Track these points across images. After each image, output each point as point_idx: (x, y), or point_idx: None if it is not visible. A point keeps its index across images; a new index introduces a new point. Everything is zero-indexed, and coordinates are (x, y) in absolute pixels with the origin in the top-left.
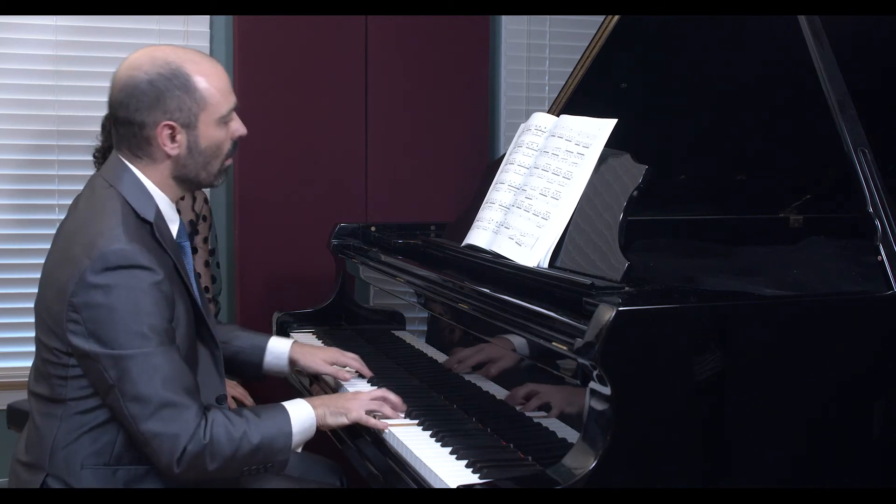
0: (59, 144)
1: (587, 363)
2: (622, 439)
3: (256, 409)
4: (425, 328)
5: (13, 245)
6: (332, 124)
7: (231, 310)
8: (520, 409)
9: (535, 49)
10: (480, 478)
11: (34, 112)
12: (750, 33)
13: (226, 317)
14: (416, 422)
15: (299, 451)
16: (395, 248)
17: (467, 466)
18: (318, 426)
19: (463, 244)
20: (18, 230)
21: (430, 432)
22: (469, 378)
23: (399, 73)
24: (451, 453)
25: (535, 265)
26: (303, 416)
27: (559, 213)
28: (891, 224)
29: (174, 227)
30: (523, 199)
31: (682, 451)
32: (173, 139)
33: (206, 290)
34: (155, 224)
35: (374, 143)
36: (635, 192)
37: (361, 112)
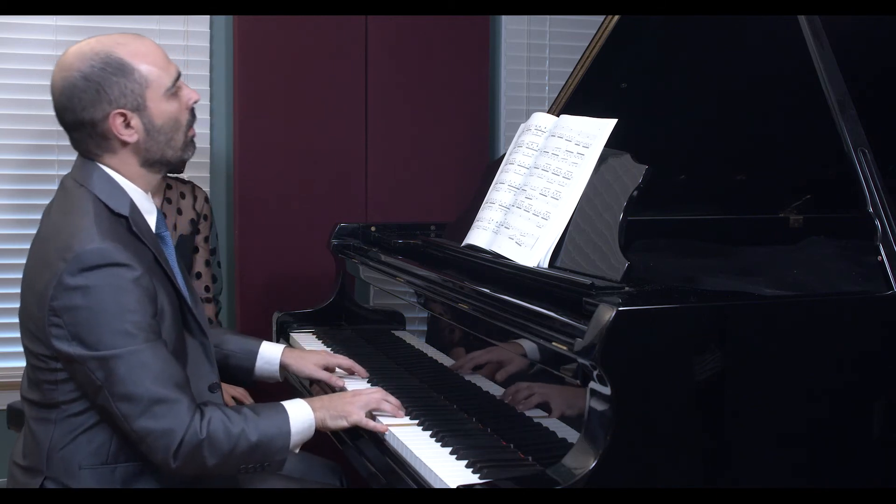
0: (59, 144)
1: (587, 363)
2: (622, 439)
3: (255, 407)
4: (425, 328)
5: (13, 245)
6: (332, 124)
7: (231, 310)
8: (520, 409)
9: (535, 49)
10: (480, 478)
11: (34, 112)
12: (750, 33)
13: (226, 317)
14: (416, 422)
15: (297, 452)
16: (395, 248)
17: (467, 466)
18: (318, 429)
19: (463, 244)
20: (18, 230)
21: (430, 432)
22: (469, 378)
23: (399, 73)
24: (451, 453)
25: (535, 265)
26: (302, 416)
27: (559, 213)
28: (891, 224)
29: (151, 219)
30: (523, 199)
31: (682, 451)
32: (128, 126)
33: (207, 289)
34: (130, 218)
35: (374, 143)
36: (635, 192)
37: (361, 112)
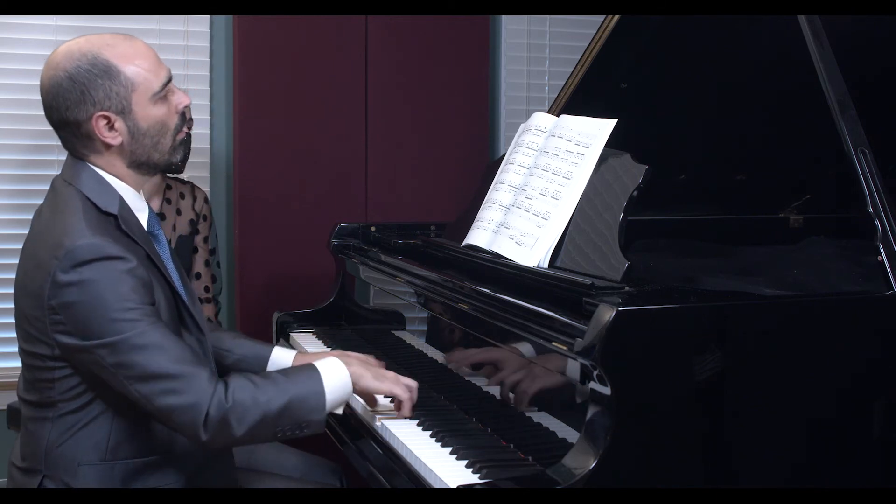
0: (58, 145)
1: (587, 363)
2: (622, 439)
3: (285, 370)
4: (425, 328)
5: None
6: (332, 124)
7: (231, 310)
8: (520, 409)
9: (535, 49)
10: (480, 478)
11: (34, 112)
12: (750, 33)
13: (226, 317)
14: (416, 422)
15: (340, 412)
16: (395, 248)
17: (467, 466)
18: (357, 387)
19: (463, 244)
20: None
21: (430, 432)
22: (469, 378)
23: (399, 73)
24: (451, 453)
25: (535, 265)
26: (336, 373)
27: (559, 213)
28: (891, 224)
29: (143, 217)
30: (523, 199)
31: (682, 451)
32: (111, 128)
33: (207, 289)
34: (119, 215)
35: (374, 143)
36: (635, 192)
37: (361, 112)
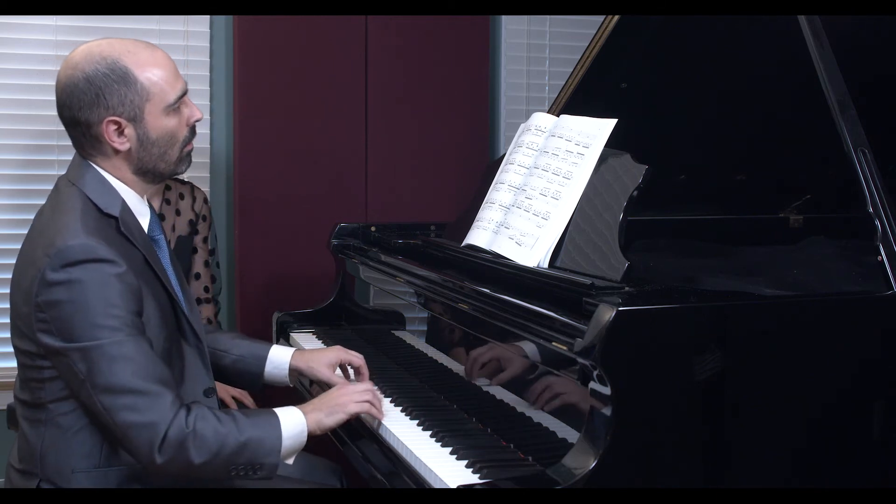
0: (59, 144)
1: (587, 363)
2: (622, 439)
3: (245, 411)
4: (425, 328)
5: (12, 245)
6: (332, 124)
7: (231, 310)
8: (520, 409)
9: (535, 49)
10: (480, 478)
11: (34, 112)
12: (750, 33)
13: (226, 317)
14: (416, 422)
15: (290, 463)
16: (395, 248)
17: (467, 466)
18: (315, 430)
19: (463, 244)
20: (17, 230)
21: (430, 432)
22: (469, 378)
23: (399, 73)
24: (452, 453)
25: (535, 265)
26: (293, 420)
27: (559, 213)
28: (891, 224)
29: (144, 221)
30: (523, 199)
31: (682, 451)
32: (121, 134)
33: (206, 290)
34: (120, 218)
35: (374, 143)
36: (635, 192)
37: (361, 112)
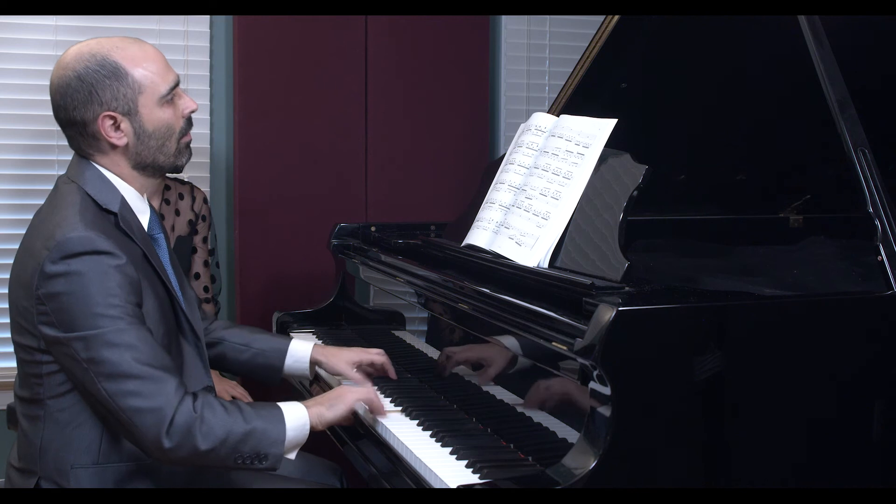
0: (58, 144)
1: (587, 363)
2: (622, 439)
3: (249, 403)
4: (425, 328)
5: (12, 246)
6: (331, 124)
7: (231, 310)
8: (520, 409)
9: (535, 49)
10: (480, 478)
11: (34, 112)
12: (750, 33)
13: (225, 317)
14: (416, 422)
15: (293, 458)
16: (395, 248)
17: (467, 466)
18: (317, 425)
19: (463, 244)
20: (18, 231)
21: (430, 432)
22: (469, 378)
23: (399, 74)
24: (452, 453)
25: (535, 265)
26: (296, 413)
27: (559, 213)
28: (891, 224)
29: (144, 219)
30: (523, 199)
31: (682, 451)
32: (117, 129)
33: (206, 289)
34: (119, 214)
35: (374, 143)
36: (635, 192)
37: (361, 112)
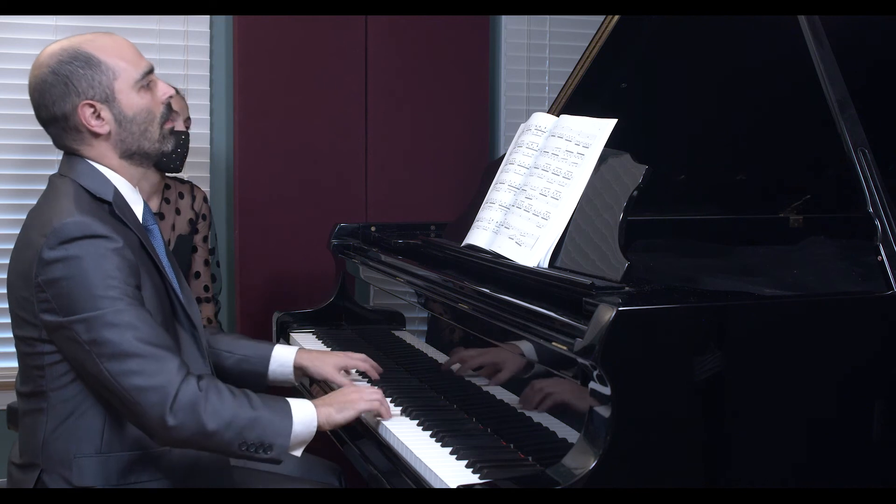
0: None
1: (587, 363)
2: (622, 439)
3: (258, 395)
4: (425, 328)
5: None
6: (332, 124)
7: (231, 310)
8: (520, 409)
9: (535, 49)
10: (480, 478)
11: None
12: (750, 33)
13: (226, 316)
14: (416, 422)
15: (298, 454)
16: (395, 248)
17: (467, 466)
18: (324, 424)
19: (463, 244)
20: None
21: (430, 432)
22: (469, 378)
23: (399, 73)
24: (452, 453)
25: (535, 265)
26: (304, 409)
27: (559, 213)
28: (891, 224)
29: (138, 209)
30: (523, 199)
31: (682, 451)
32: (98, 117)
33: (206, 289)
34: (114, 203)
35: (374, 143)
36: (635, 192)
37: (361, 112)
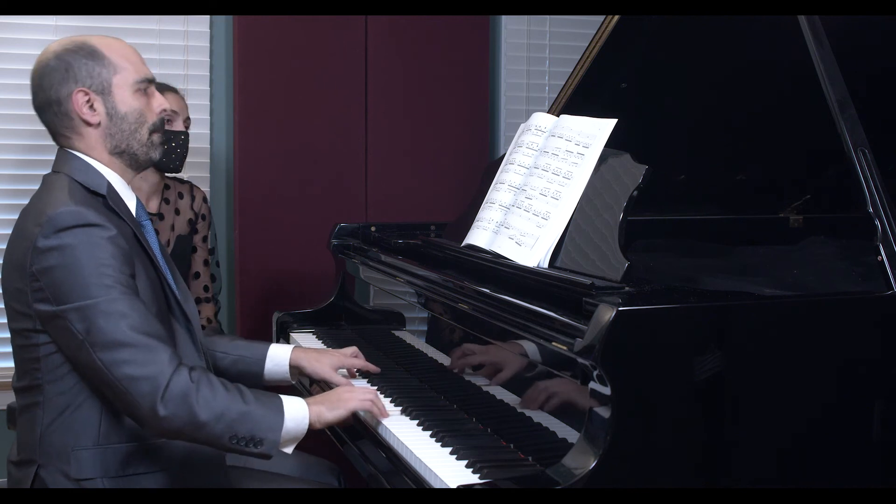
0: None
1: (587, 363)
2: (622, 439)
3: (250, 390)
4: (425, 328)
5: None
6: (332, 124)
7: (231, 310)
8: (520, 409)
9: (535, 49)
10: (480, 478)
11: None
12: (750, 33)
13: (226, 317)
14: (416, 422)
15: (289, 451)
16: (395, 248)
17: (467, 466)
18: (316, 423)
19: (463, 244)
20: None
21: (430, 432)
22: (469, 378)
23: (399, 74)
24: (451, 453)
25: (535, 265)
26: (296, 406)
27: (559, 213)
28: (891, 224)
29: (131, 204)
30: (523, 199)
31: (682, 451)
32: (91, 107)
33: (206, 289)
34: (108, 196)
35: (374, 142)
36: (635, 192)
37: (361, 112)
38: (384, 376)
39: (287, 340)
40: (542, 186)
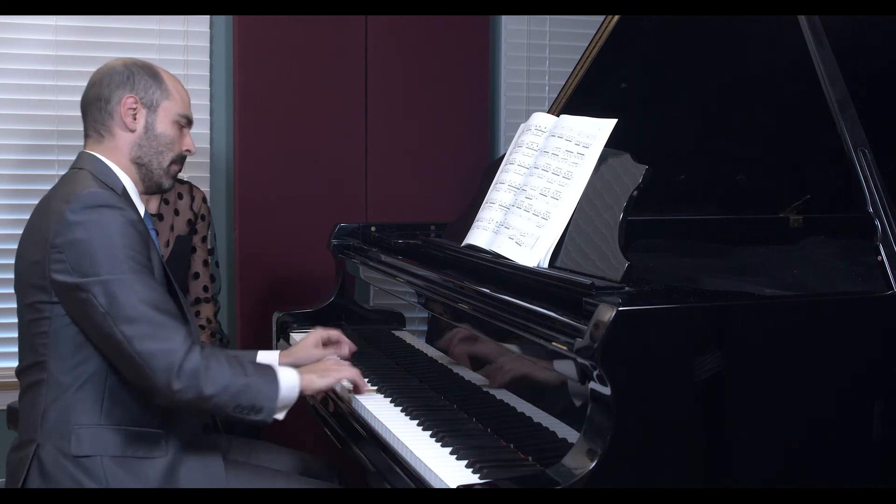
0: (58, 144)
1: (587, 363)
2: (622, 439)
3: (249, 362)
4: (425, 328)
5: (12, 245)
6: (332, 124)
7: (231, 310)
8: (520, 409)
9: (535, 49)
10: (480, 478)
11: (34, 112)
12: (750, 33)
13: (226, 316)
14: (416, 422)
15: (282, 418)
16: (395, 248)
17: (467, 466)
18: (307, 389)
19: (463, 244)
20: (18, 231)
21: (430, 432)
22: (469, 378)
23: (399, 74)
24: (451, 453)
25: (535, 265)
26: (288, 375)
27: (559, 213)
28: (891, 224)
29: (140, 212)
30: (523, 199)
31: (682, 451)
32: (134, 115)
33: (206, 289)
34: (123, 196)
35: (374, 143)
36: (635, 192)
37: (361, 112)
38: (384, 376)
39: (287, 340)
40: (542, 186)
